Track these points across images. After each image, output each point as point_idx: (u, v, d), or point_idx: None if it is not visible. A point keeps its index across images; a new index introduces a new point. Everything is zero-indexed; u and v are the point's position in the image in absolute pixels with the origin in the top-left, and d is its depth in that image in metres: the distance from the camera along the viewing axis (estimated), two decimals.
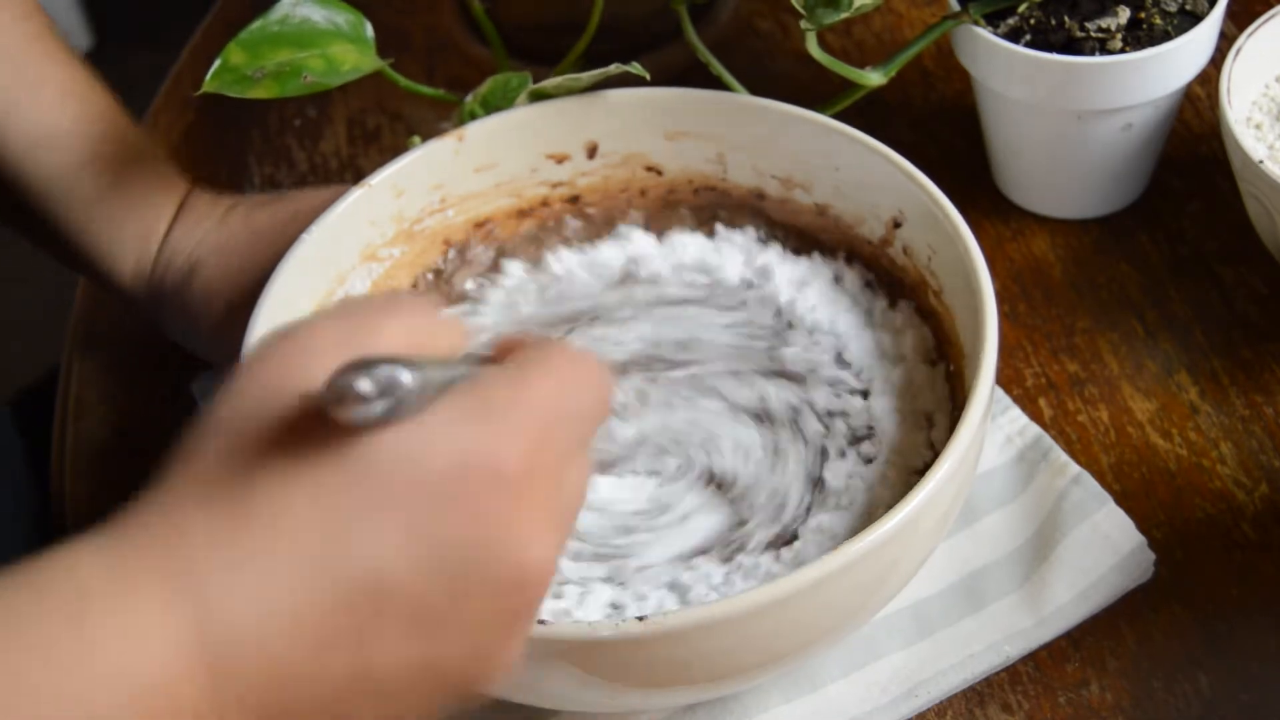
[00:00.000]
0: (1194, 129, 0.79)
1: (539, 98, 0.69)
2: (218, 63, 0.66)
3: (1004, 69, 0.72)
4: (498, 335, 0.54)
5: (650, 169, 0.70)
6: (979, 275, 0.60)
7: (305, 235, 0.65)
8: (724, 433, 0.63)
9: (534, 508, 0.41)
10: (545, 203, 0.71)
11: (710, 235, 0.70)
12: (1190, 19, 0.71)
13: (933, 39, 0.72)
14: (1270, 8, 0.72)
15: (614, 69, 0.66)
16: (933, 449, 0.62)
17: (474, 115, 0.69)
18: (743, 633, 0.52)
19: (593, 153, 0.70)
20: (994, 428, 0.67)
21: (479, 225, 0.71)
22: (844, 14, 0.65)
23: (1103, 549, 0.63)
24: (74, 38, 1.53)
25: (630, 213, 0.71)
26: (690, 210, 0.71)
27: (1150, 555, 0.63)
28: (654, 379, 0.65)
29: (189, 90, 0.81)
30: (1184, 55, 0.70)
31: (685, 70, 0.75)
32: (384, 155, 0.83)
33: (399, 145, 0.71)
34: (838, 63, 0.69)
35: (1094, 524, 0.63)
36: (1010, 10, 0.72)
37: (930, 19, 0.86)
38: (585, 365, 0.45)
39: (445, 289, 0.70)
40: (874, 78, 0.70)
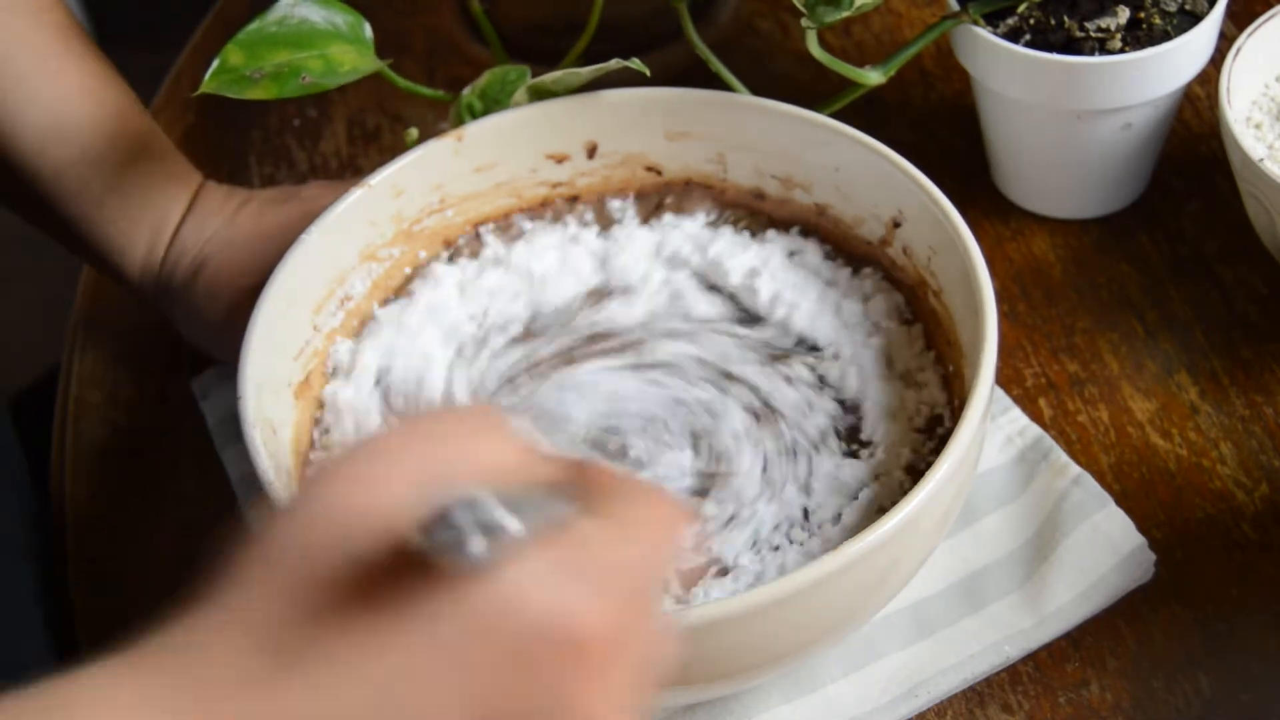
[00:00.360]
0: (1194, 129, 0.79)
1: (538, 92, 0.69)
2: (216, 63, 0.66)
3: (1004, 69, 0.72)
4: (567, 455, 0.49)
5: (650, 169, 0.70)
6: (979, 275, 0.60)
7: (304, 235, 0.65)
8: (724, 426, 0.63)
9: (612, 682, 0.37)
10: (545, 202, 0.71)
11: (652, 222, 0.70)
12: (1190, 19, 0.71)
13: (932, 39, 0.72)
14: (1270, 8, 0.72)
15: (614, 64, 0.66)
16: (933, 449, 0.62)
17: (471, 108, 0.69)
18: (743, 633, 0.52)
19: (592, 153, 0.70)
20: (994, 428, 0.67)
21: (479, 225, 0.71)
22: (845, 13, 0.65)
23: (1103, 549, 0.63)
24: None
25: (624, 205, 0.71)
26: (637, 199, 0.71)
27: (1151, 556, 0.63)
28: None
29: (189, 90, 0.81)
30: (1184, 55, 0.70)
31: (685, 70, 0.75)
32: (384, 155, 0.83)
33: (399, 145, 0.71)
34: (838, 62, 0.69)
35: (1094, 524, 0.63)
36: (1010, 10, 0.72)
37: (930, 19, 0.86)
38: (669, 512, 0.40)
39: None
40: (873, 77, 0.70)
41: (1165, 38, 0.70)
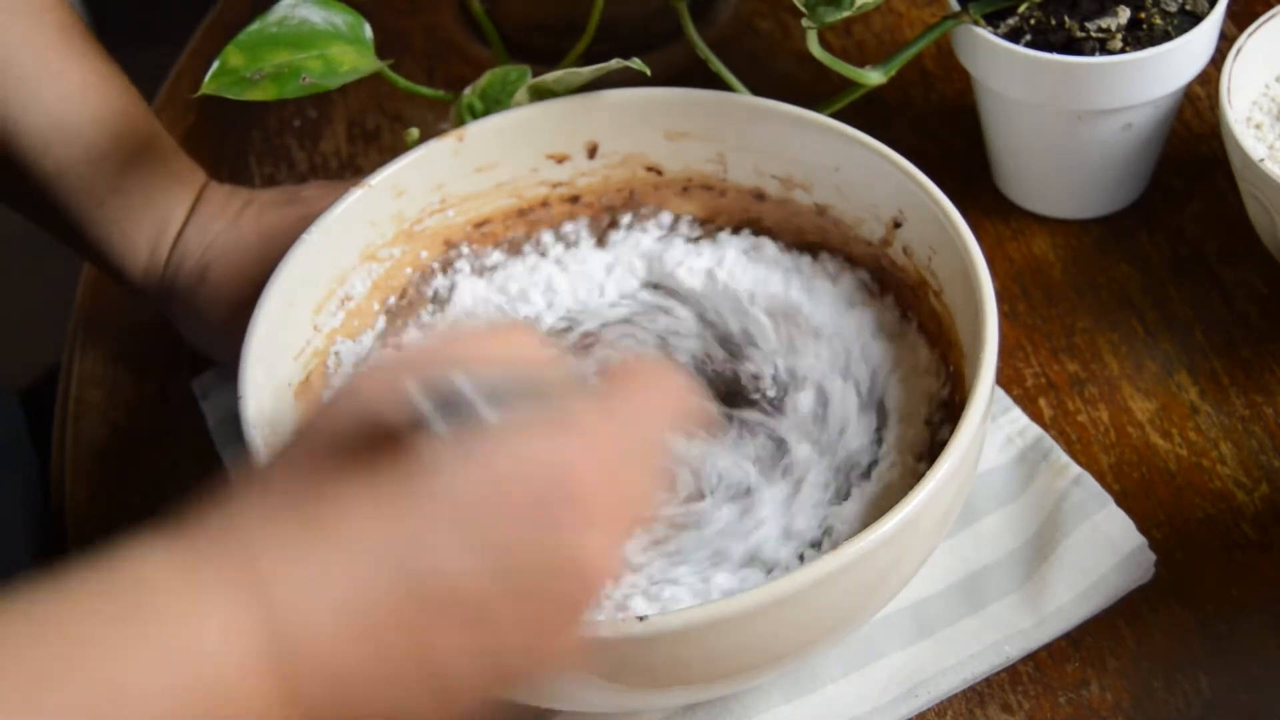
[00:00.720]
0: (1194, 129, 0.79)
1: (539, 92, 0.69)
2: (216, 64, 0.66)
3: (1004, 69, 0.72)
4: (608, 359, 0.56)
5: (650, 169, 0.70)
6: (979, 276, 0.60)
7: (305, 236, 0.65)
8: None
9: (600, 517, 0.42)
10: (545, 203, 0.71)
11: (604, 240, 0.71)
12: (1190, 19, 0.71)
13: (933, 39, 0.72)
14: (1270, 8, 0.72)
15: (615, 64, 0.66)
16: (933, 449, 0.62)
17: (472, 108, 0.69)
18: (743, 633, 0.52)
19: (593, 153, 0.70)
20: (994, 428, 0.67)
21: (479, 225, 0.71)
22: (846, 12, 0.65)
23: (1103, 549, 0.63)
24: None
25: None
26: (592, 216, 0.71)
27: (1151, 556, 0.63)
28: None
29: (189, 90, 0.81)
30: (1184, 55, 0.70)
31: (685, 70, 0.75)
32: (384, 155, 0.83)
33: (399, 145, 0.71)
34: (838, 62, 0.69)
35: (1094, 524, 0.63)
36: (1010, 10, 0.72)
37: (930, 19, 0.86)
38: (666, 376, 0.46)
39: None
40: (874, 77, 0.70)
41: (1166, 38, 0.70)
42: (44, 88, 0.68)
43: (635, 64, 0.65)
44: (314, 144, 0.86)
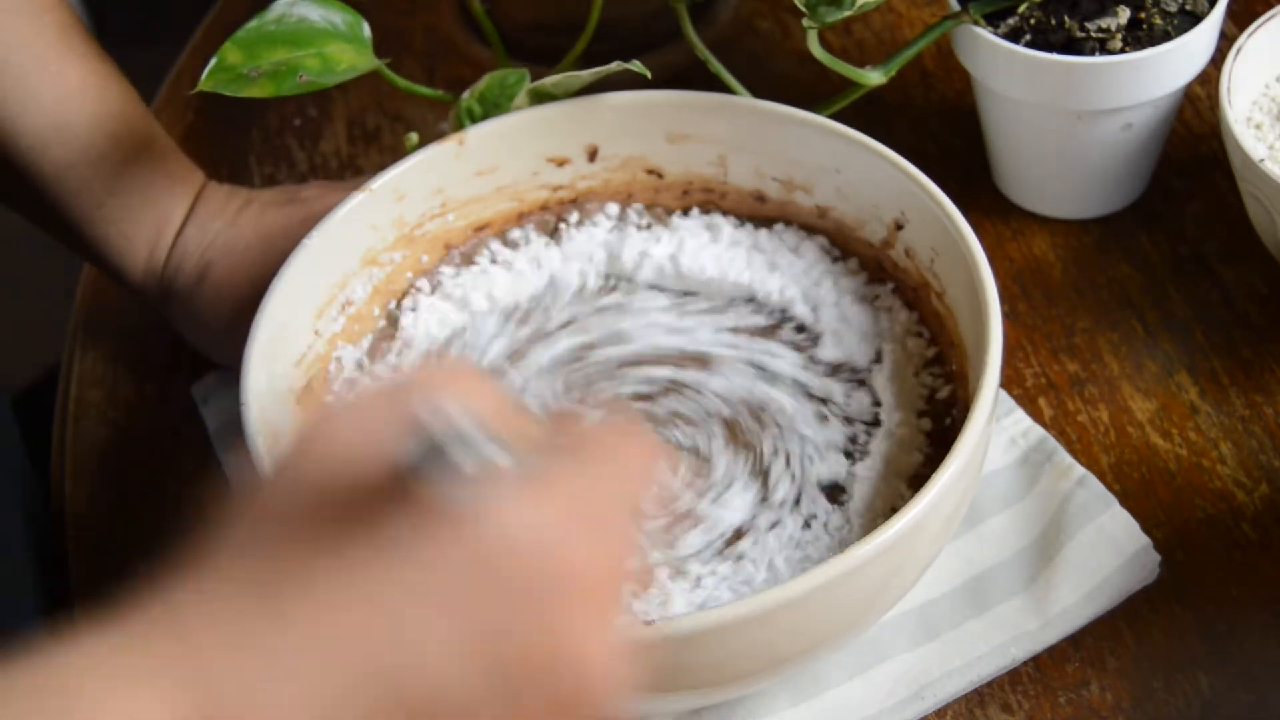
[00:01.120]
0: (1194, 129, 0.79)
1: (538, 95, 0.69)
2: (214, 61, 0.66)
3: (1004, 69, 0.72)
4: (545, 408, 0.52)
5: (651, 171, 0.70)
6: (983, 277, 0.60)
7: (306, 240, 0.64)
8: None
9: (591, 596, 0.38)
10: (545, 206, 0.71)
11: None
12: (1190, 19, 0.71)
13: (933, 39, 0.72)
14: (1270, 7, 0.72)
15: (614, 67, 0.66)
16: (934, 450, 0.62)
17: (470, 112, 0.69)
18: (749, 636, 0.52)
19: (593, 156, 0.70)
20: (998, 429, 0.67)
21: (479, 229, 0.71)
22: (846, 12, 0.65)
23: (1108, 551, 0.63)
24: None
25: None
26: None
27: (1155, 556, 0.63)
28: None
29: (189, 90, 0.81)
30: (1184, 55, 0.70)
31: (685, 70, 0.75)
32: (384, 155, 0.83)
33: (399, 145, 0.71)
34: (838, 62, 0.69)
35: (1099, 526, 0.63)
36: (1010, 10, 0.72)
37: (930, 19, 0.86)
38: (640, 447, 0.42)
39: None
40: (874, 77, 0.70)
41: (1165, 38, 0.70)
42: (43, 88, 0.68)
43: (635, 66, 0.65)
44: (314, 144, 0.86)
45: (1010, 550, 0.64)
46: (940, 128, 0.82)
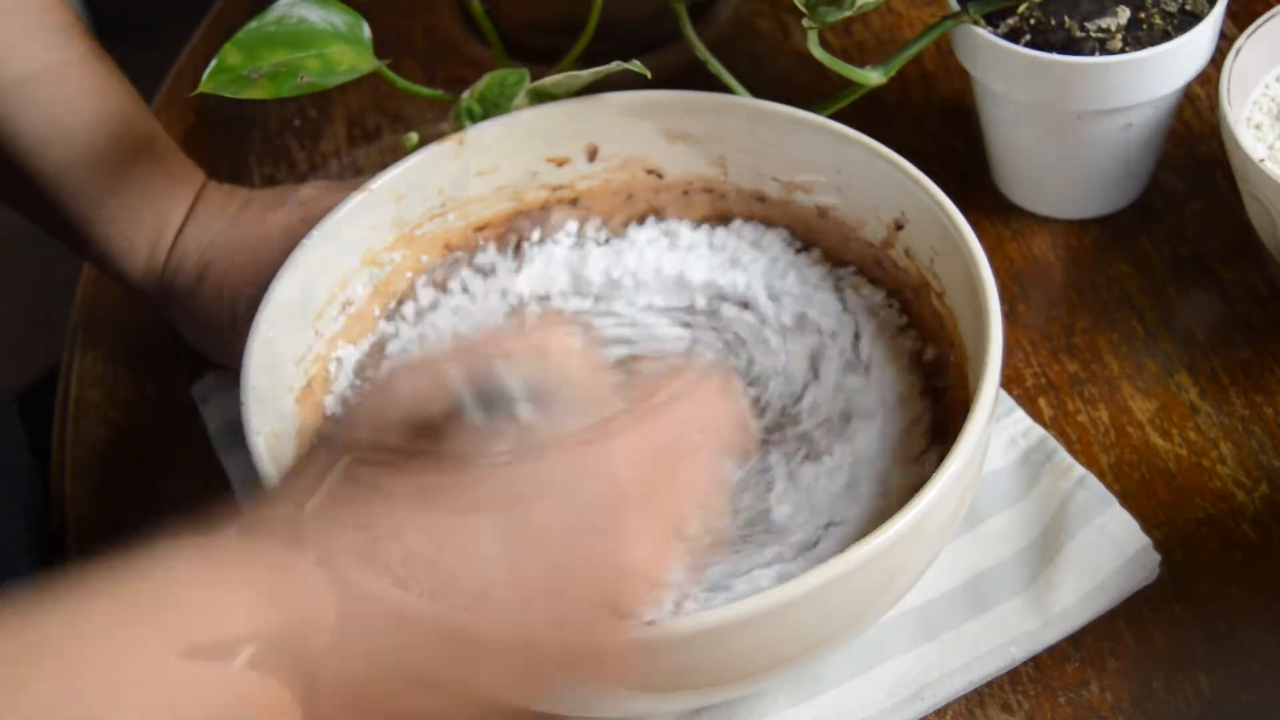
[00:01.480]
0: (1194, 129, 0.79)
1: (538, 95, 0.69)
2: (214, 63, 0.66)
3: (1004, 69, 0.72)
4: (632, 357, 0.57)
5: (651, 172, 0.70)
6: (983, 278, 0.60)
7: (306, 241, 0.64)
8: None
9: (643, 516, 0.43)
10: (545, 206, 0.71)
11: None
12: (1190, 19, 0.71)
13: (932, 39, 0.72)
14: (1270, 7, 0.72)
15: (614, 66, 0.66)
16: (936, 451, 0.62)
17: (470, 112, 0.69)
18: (749, 637, 0.52)
19: (593, 156, 0.70)
20: (998, 429, 0.67)
21: (479, 229, 0.71)
22: (846, 12, 0.65)
23: (1108, 551, 0.63)
24: None
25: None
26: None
27: (1155, 556, 0.63)
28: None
29: (189, 90, 0.81)
30: (1183, 55, 0.70)
31: (685, 71, 0.75)
32: (384, 156, 0.83)
33: (399, 146, 0.71)
34: (838, 62, 0.69)
35: (1099, 526, 0.63)
36: (1010, 10, 0.72)
37: (930, 19, 0.86)
38: (714, 387, 0.46)
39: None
40: (873, 77, 0.70)
41: (1165, 38, 0.70)
42: (43, 88, 0.68)
43: (635, 66, 0.65)
44: (314, 144, 0.86)
45: (1010, 550, 0.64)
46: (940, 128, 0.82)
